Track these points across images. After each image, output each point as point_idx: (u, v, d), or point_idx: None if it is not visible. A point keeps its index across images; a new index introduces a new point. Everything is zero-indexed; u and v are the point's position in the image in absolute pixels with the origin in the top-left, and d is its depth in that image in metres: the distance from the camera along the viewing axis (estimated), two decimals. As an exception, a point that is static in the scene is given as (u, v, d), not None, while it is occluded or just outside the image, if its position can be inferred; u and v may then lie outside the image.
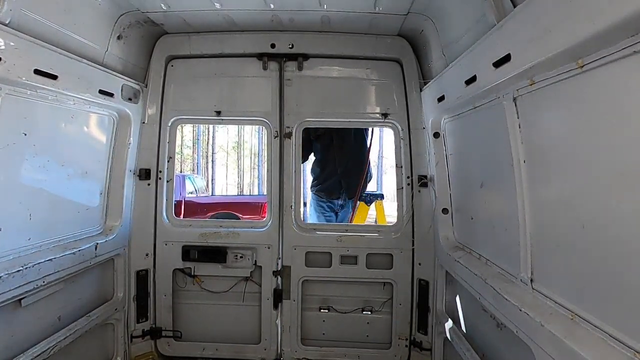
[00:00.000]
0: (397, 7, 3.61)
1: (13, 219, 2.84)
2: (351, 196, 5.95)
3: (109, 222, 3.97)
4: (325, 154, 5.91)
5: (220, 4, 3.60)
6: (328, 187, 5.95)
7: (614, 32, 1.49)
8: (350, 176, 5.85)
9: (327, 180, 5.95)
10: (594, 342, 1.77)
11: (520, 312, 2.28)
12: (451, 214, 3.86)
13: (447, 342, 3.79)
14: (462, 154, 3.58)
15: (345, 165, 5.81)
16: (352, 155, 5.82)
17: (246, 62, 4.40)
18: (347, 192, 5.92)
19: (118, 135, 3.98)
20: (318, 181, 6.04)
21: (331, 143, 5.81)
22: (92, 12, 3.31)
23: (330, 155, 5.86)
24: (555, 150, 2.11)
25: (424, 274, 4.28)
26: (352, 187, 5.89)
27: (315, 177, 6.07)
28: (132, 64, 4.04)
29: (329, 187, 5.94)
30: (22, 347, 2.93)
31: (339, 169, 5.84)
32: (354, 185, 5.88)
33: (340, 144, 5.78)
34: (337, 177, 5.88)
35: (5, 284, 2.63)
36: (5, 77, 2.49)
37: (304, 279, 4.42)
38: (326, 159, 5.91)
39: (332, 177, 5.92)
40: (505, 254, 2.74)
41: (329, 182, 5.93)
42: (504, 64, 2.25)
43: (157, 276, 4.42)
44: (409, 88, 4.27)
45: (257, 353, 4.45)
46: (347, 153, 5.79)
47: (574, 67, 1.80)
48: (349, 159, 5.81)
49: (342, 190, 5.90)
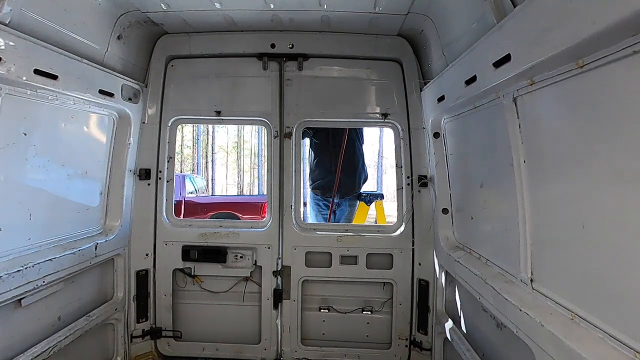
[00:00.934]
0: (397, 7, 3.61)
1: (13, 219, 2.84)
2: (344, 195, 6.01)
3: (109, 222, 3.97)
4: (321, 152, 5.98)
5: (220, 4, 3.60)
6: (323, 185, 6.02)
7: (614, 32, 1.49)
8: (345, 175, 5.92)
9: (323, 178, 6.02)
10: (594, 342, 1.77)
11: (520, 312, 2.28)
12: (451, 214, 3.86)
13: (447, 342, 3.79)
14: (462, 154, 3.58)
15: (340, 164, 5.87)
16: (347, 155, 5.89)
17: (246, 62, 4.40)
18: (341, 190, 5.98)
19: (118, 135, 3.98)
20: (314, 178, 6.11)
21: (327, 141, 5.87)
22: (92, 12, 3.31)
23: (326, 153, 5.94)
24: (555, 150, 2.10)
25: (424, 274, 4.28)
26: (346, 186, 5.95)
27: (311, 174, 6.15)
28: (132, 64, 4.04)
29: (324, 185, 6.01)
30: (22, 347, 2.93)
31: (334, 167, 5.91)
32: (348, 184, 5.92)
33: (335, 143, 5.85)
34: (332, 176, 5.94)
35: (5, 284, 2.63)
36: (5, 77, 2.49)
37: (304, 279, 4.42)
38: (322, 157, 5.99)
39: (327, 175, 5.99)
40: (505, 254, 2.74)
41: (324, 180, 6.01)
42: (504, 64, 2.25)
43: (157, 276, 4.42)
44: (409, 88, 4.28)
45: (257, 353, 4.45)
46: (342, 152, 5.85)
47: (574, 67, 1.80)
48: (344, 158, 5.87)
49: (336, 188, 5.95)
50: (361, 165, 6.10)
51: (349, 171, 5.94)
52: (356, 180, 6.07)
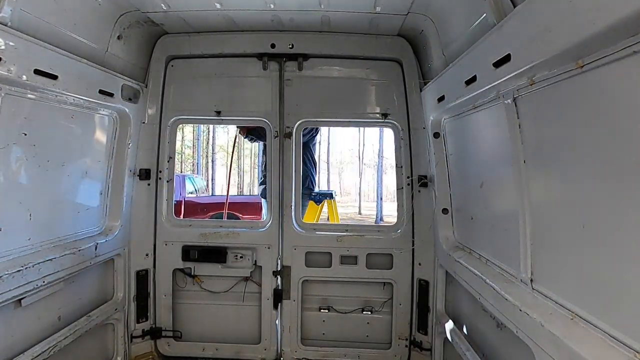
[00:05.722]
0: (397, 7, 3.61)
1: (13, 219, 2.84)
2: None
3: (109, 222, 3.97)
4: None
5: (220, 4, 3.60)
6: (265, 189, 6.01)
7: (614, 32, 1.49)
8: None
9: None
10: (594, 342, 1.77)
11: (520, 312, 2.28)
12: (451, 214, 3.86)
13: (447, 342, 3.79)
14: (462, 154, 3.58)
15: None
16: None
17: (246, 62, 4.40)
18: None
19: (118, 135, 3.98)
20: (262, 181, 6.10)
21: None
22: (92, 12, 3.31)
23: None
24: (555, 150, 2.10)
25: (424, 274, 4.28)
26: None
27: (261, 176, 6.11)
28: (132, 64, 4.04)
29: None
30: (22, 347, 2.93)
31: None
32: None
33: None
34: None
35: (5, 284, 2.63)
36: (5, 77, 2.49)
37: (304, 279, 4.42)
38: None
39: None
40: (505, 254, 2.74)
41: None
42: (504, 64, 2.25)
43: (157, 276, 4.42)
44: (409, 88, 4.28)
45: (257, 353, 4.45)
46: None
47: (574, 67, 1.79)
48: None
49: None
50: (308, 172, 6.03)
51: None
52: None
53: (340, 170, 42.49)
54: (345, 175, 42.81)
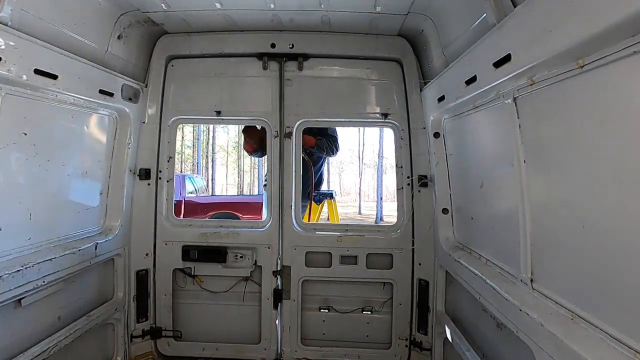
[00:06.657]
0: (397, 7, 3.61)
1: (13, 219, 2.84)
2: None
3: (108, 222, 3.97)
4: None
5: (221, 4, 3.60)
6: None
7: (614, 32, 1.49)
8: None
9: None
10: (594, 342, 1.77)
11: (520, 312, 2.28)
12: (451, 214, 3.86)
13: (447, 342, 3.79)
14: (462, 154, 3.58)
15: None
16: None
17: (246, 62, 4.40)
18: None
19: (118, 135, 3.98)
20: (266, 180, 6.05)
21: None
22: (92, 12, 3.31)
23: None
24: (555, 150, 2.10)
25: (424, 274, 4.28)
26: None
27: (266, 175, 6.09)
28: (132, 63, 4.04)
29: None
30: (22, 347, 2.93)
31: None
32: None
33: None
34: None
35: (5, 284, 2.63)
36: (5, 77, 2.49)
37: (304, 279, 4.42)
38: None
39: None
40: (505, 254, 2.74)
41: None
42: (504, 64, 2.25)
43: (157, 276, 4.42)
44: (409, 88, 4.27)
45: (257, 353, 4.45)
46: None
47: (574, 67, 1.79)
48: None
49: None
50: (317, 172, 5.96)
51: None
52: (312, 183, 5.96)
53: (340, 171, 42.51)
54: (345, 175, 42.86)
